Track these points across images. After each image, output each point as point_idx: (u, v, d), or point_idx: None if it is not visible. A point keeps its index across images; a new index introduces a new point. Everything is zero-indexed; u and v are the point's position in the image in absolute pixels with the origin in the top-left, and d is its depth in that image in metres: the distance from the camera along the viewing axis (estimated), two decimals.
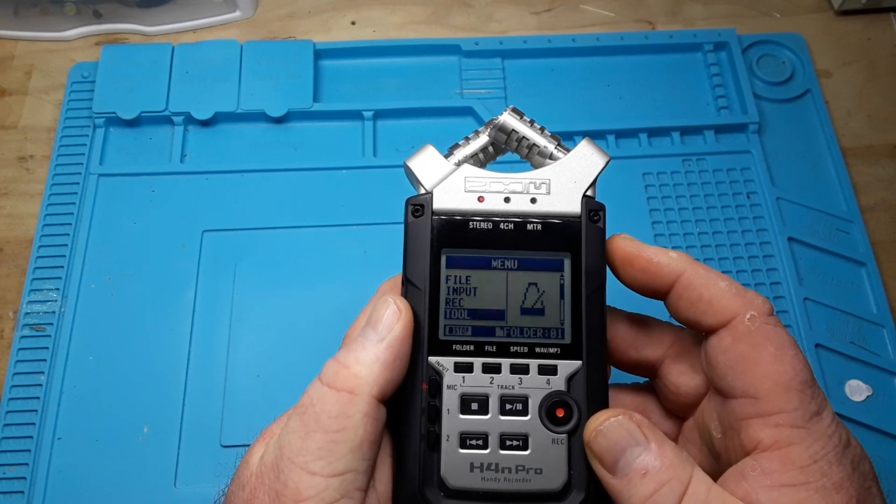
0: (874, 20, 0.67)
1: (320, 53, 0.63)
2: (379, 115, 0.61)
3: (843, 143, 0.61)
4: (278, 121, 0.61)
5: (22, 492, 0.47)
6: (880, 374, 0.52)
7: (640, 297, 0.32)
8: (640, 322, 0.34)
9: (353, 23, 0.67)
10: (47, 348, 0.52)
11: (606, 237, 0.32)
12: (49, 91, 0.64)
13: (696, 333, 0.32)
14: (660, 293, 0.31)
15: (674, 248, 0.55)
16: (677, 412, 0.34)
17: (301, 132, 0.61)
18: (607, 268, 0.32)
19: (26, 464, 0.48)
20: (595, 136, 0.59)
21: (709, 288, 0.30)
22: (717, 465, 0.31)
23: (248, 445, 0.31)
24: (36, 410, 0.50)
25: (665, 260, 0.31)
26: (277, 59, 0.62)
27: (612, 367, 0.34)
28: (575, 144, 0.33)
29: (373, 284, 0.34)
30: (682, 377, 0.32)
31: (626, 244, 0.32)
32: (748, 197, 0.58)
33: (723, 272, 0.54)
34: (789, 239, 0.56)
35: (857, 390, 0.51)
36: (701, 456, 0.32)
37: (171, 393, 0.50)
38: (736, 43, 0.64)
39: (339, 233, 0.56)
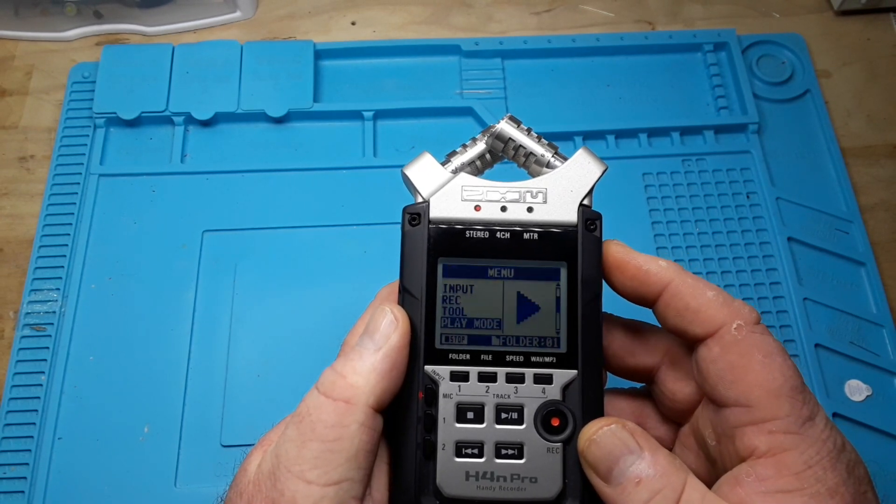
0: (874, 20, 0.67)
1: (320, 53, 0.63)
2: (379, 115, 0.61)
3: (843, 143, 0.61)
4: (278, 121, 0.61)
5: (22, 491, 0.48)
6: (880, 374, 0.52)
7: (635, 305, 0.32)
8: (637, 329, 0.34)
9: (353, 23, 0.67)
10: (48, 348, 0.52)
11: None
12: (49, 91, 0.64)
13: (686, 342, 0.32)
14: (648, 301, 0.31)
15: (673, 248, 0.56)
16: (674, 418, 0.34)
17: (301, 132, 0.61)
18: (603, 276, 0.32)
19: (27, 464, 0.48)
20: (595, 136, 0.59)
21: (696, 297, 0.30)
22: (713, 470, 0.31)
23: (249, 445, 0.31)
24: (36, 410, 0.50)
25: (654, 268, 0.31)
26: (277, 59, 0.62)
27: (608, 373, 0.34)
28: (575, 145, 0.33)
29: (372, 284, 0.34)
30: (677, 384, 0.32)
31: (617, 250, 0.32)
32: (748, 197, 0.58)
33: (722, 272, 0.55)
34: (789, 239, 0.56)
35: (856, 390, 0.51)
36: (697, 461, 0.32)
37: (171, 393, 0.50)
38: (735, 43, 0.64)
39: (339, 233, 0.56)
